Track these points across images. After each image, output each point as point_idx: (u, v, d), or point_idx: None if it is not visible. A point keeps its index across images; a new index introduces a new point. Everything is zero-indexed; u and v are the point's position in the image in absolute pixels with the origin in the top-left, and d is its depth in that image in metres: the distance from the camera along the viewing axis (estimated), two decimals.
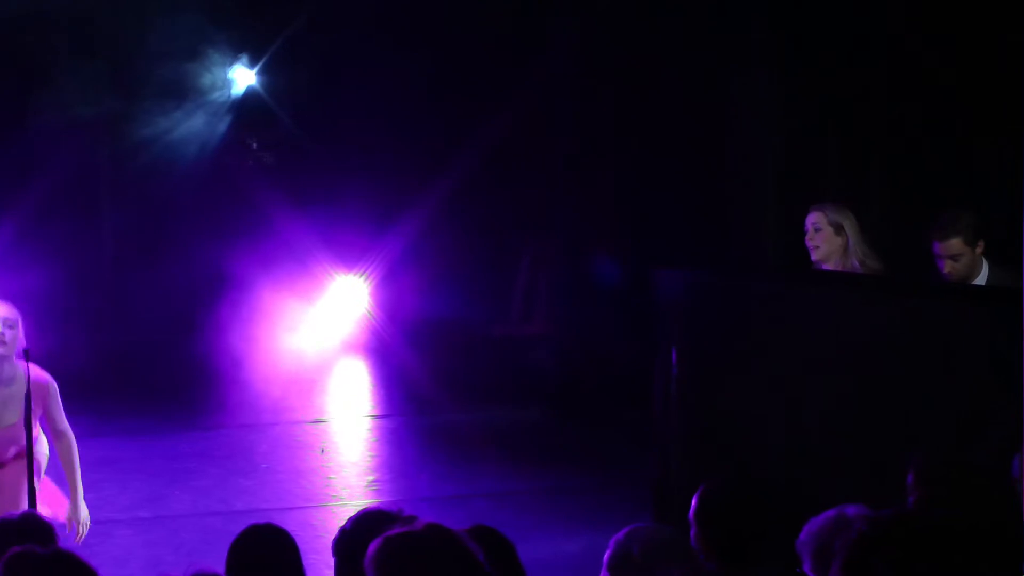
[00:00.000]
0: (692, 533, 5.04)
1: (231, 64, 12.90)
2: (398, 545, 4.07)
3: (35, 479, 8.02)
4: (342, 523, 4.99)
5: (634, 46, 11.33)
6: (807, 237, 8.43)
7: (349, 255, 13.01)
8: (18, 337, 7.85)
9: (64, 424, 8.07)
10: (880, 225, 8.84)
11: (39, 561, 4.43)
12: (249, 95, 13.06)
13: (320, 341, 12.35)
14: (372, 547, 4.07)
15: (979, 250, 7.90)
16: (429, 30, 12.71)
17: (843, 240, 8.32)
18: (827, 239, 8.30)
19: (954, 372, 6.90)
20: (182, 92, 12.67)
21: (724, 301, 8.12)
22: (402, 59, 12.75)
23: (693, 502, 5.13)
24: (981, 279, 7.92)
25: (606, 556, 4.58)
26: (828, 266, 8.38)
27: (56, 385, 8.13)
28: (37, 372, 7.92)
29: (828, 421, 7.31)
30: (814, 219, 8.37)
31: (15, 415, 8.01)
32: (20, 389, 7.84)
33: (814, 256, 8.40)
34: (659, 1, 11.27)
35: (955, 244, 7.86)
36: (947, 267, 7.94)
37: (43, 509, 7.78)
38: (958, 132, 9.95)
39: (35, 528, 5.26)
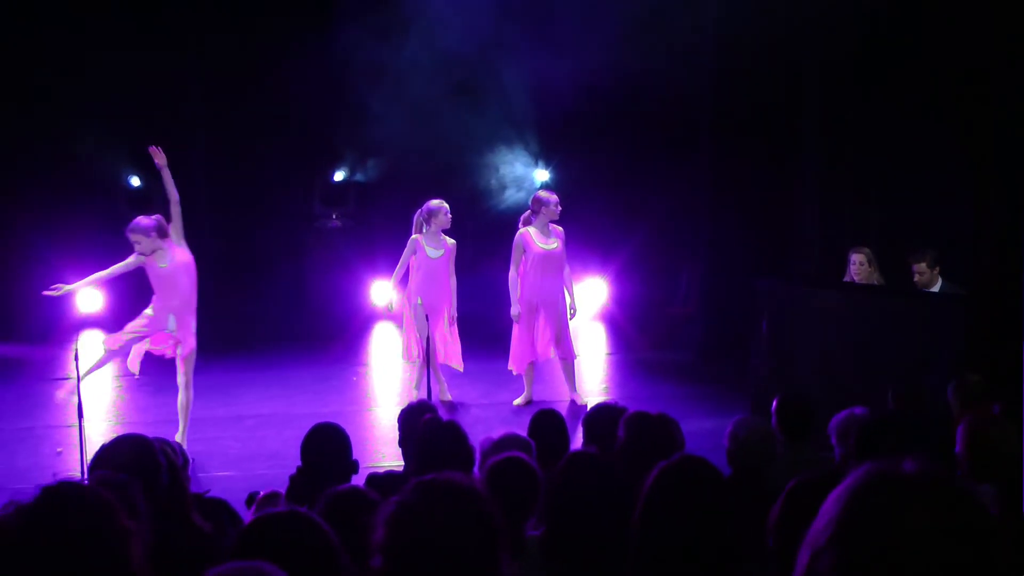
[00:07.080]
0: (773, 422, 5.03)
1: (533, 165, 12.87)
2: (640, 416, 4.07)
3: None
4: (587, 410, 5.06)
5: (751, 149, 10.83)
6: (853, 267, 8.16)
7: (592, 265, 12.64)
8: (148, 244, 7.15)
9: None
10: (879, 251, 8.49)
11: (440, 423, 4.46)
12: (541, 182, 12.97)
13: (578, 314, 11.70)
14: (624, 417, 4.06)
15: (936, 270, 7.79)
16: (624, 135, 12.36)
17: (871, 269, 8.17)
18: (865, 270, 8.13)
19: (917, 338, 7.02)
20: (506, 182, 12.66)
21: (790, 297, 8.18)
22: (617, 160, 12.55)
23: (773, 404, 5.12)
24: (936, 288, 7.82)
25: (727, 431, 4.55)
26: (858, 281, 8.19)
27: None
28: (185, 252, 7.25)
29: (845, 364, 7.40)
30: (859, 258, 8.15)
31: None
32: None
33: (856, 279, 8.12)
34: (746, 122, 10.61)
35: (922, 265, 7.78)
36: (916, 278, 7.84)
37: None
38: (932, 195, 9.21)
39: (428, 406, 5.28)
